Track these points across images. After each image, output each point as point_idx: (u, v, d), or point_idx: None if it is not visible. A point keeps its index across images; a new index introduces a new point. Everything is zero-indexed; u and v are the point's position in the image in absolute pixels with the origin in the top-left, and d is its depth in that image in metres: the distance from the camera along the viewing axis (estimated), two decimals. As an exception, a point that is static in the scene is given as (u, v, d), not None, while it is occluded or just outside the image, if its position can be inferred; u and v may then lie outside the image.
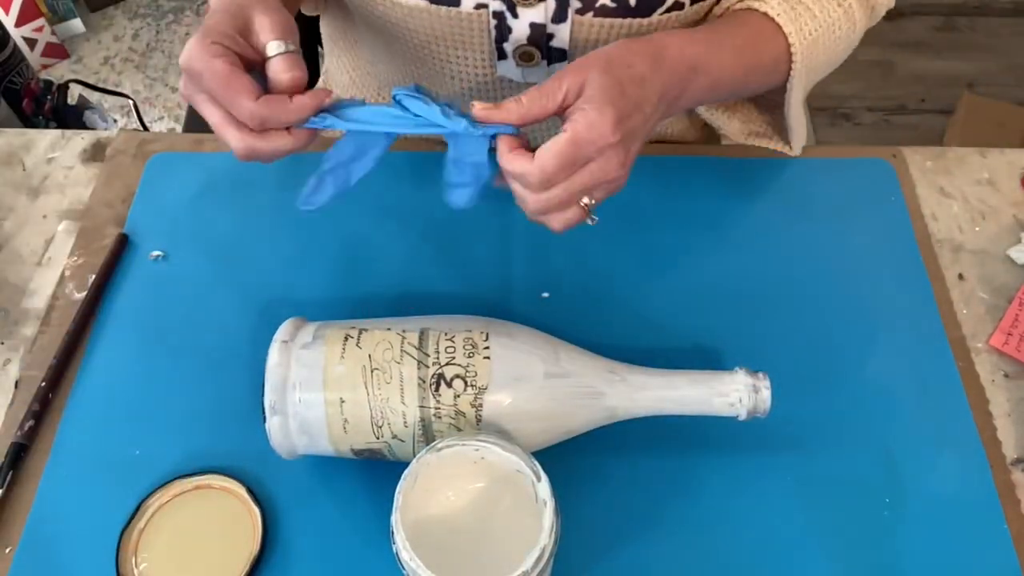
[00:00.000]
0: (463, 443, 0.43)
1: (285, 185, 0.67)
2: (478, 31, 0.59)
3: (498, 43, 0.60)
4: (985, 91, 1.87)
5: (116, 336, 0.59)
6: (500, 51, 0.61)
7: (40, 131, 0.71)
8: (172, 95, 1.84)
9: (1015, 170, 0.69)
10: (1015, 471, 0.54)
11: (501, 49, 0.60)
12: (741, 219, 0.65)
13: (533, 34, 0.59)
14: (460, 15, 0.58)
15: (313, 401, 0.46)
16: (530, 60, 0.61)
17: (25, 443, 0.53)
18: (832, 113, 1.83)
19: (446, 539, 0.44)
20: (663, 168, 0.68)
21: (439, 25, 0.59)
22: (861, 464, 0.54)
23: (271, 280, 0.62)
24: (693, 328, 0.60)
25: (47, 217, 0.66)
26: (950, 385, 0.58)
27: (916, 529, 0.52)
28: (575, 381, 0.48)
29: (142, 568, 0.49)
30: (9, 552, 0.50)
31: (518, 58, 0.61)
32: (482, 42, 0.60)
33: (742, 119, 0.68)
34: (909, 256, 0.64)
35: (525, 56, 0.60)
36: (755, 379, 0.48)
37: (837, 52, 0.61)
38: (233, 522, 0.51)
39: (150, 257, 0.63)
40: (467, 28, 0.59)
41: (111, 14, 1.99)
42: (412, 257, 0.63)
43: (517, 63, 0.61)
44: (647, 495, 0.53)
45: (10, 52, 1.36)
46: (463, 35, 0.60)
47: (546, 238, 0.64)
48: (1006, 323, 0.60)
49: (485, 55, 0.61)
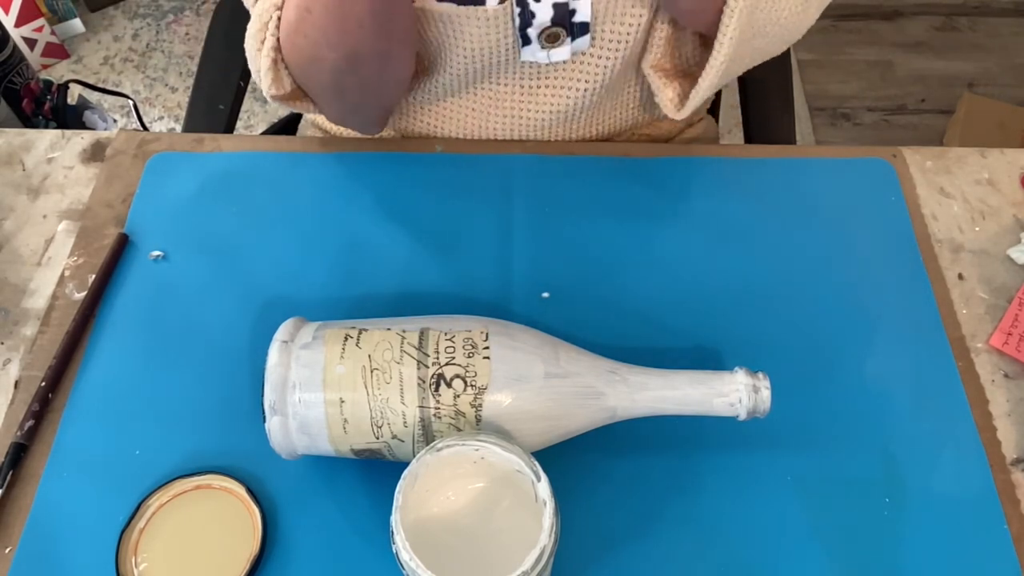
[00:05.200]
0: (463, 443, 0.43)
1: (285, 185, 0.67)
2: (503, 23, 0.60)
3: (522, 30, 0.60)
4: (985, 91, 1.87)
5: (116, 336, 0.59)
6: (524, 37, 0.61)
7: (40, 131, 0.71)
8: (172, 95, 1.84)
9: (1015, 170, 0.69)
10: (1015, 471, 0.54)
11: (525, 35, 0.61)
12: (741, 219, 0.65)
13: (556, 14, 0.59)
14: (487, 12, 0.58)
15: (313, 401, 0.46)
16: (555, 40, 0.61)
17: (25, 443, 0.53)
18: (832, 113, 1.83)
19: (446, 539, 0.45)
20: (663, 168, 0.68)
21: (466, 25, 0.60)
22: (861, 464, 0.54)
23: (271, 280, 0.62)
24: (693, 328, 0.60)
25: (47, 217, 0.66)
26: (950, 385, 0.58)
27: (916, 529, 0.52)
28: (575, 381, 0.48)
29: (142, 568, 0.49)
30: (9, 552, 0.50)
31: (543, 40, 0.61)
32: (507, 33, 0.61)
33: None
34: (909, 256, 0.64)
35: (551, 37, 0.61)
36: (755, 379, 0.48)
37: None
38: (233, 522, 0.51)
39: (150, 257, 0.63)
40: (492, 23, 0.60)
41: (111, 14, 1.99)
42: (412, 257, 0.63)
43: (542, 46, 0.62)
44: (647, 495, 0.53)
45: (10, 52, 1.36)
46: (488, 30, 0.60)
47: (546, 238, 0.64)
48: (1006, 323, 0.60)
49: (509, 44, 0.62)
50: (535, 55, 0.63)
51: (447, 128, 0.72)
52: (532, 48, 0.62)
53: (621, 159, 0.69)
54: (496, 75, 0.65)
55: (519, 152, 0.69)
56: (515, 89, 0.67)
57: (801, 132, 1.78)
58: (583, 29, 0.61)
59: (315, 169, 0.68)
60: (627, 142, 0.74)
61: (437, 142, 0.70)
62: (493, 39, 0.61)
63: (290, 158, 0.69)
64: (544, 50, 0.62)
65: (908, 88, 1.89)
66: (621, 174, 0.68)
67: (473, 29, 0.60)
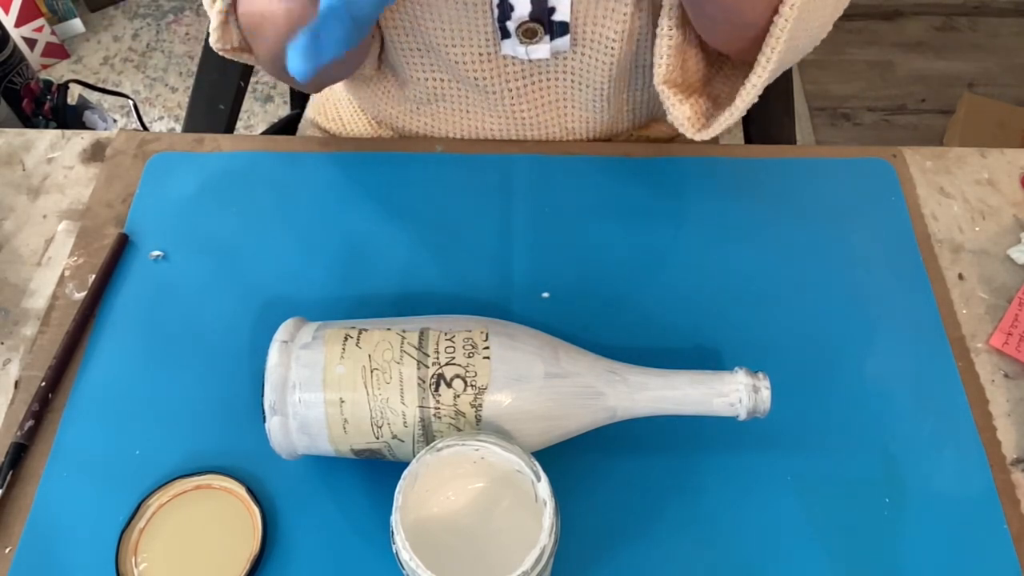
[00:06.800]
0: (463, 443, 0.43)
1: (285, 185, 0.67)
2: (481, 12, 0.60)
3: (501, 22, 0.60)
4: (985, 91, 1.87)
5: (116, 336, 0.59)
6: (503, 30, 0.61)
7: (40, 131, 0.71)
8: (172, 95, 1.84)
9: (1015, 170, 0.69)
10: (1015, 471, 0.54)
11: (504, 28, 0.61)
12: (741, 219, 0.65)
13: (535, 10, 0.59)
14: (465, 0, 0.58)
15: (313, 401, 0.46)
16: (533, 37, 0.61)
17: (25, 443, 0.53)
18: (832, 113, 1.83)
19: (446, 539, 0.45)
20: (663, 168, 0.68)
21: (444, 11, 0.60)
22: (861, 464, 0.54)
23: (271, 280, 0.62)
24: (693, 328, 0.60)
25: (47, 217, 0.66)
26: (950, 385, 0.58)
27: (916, 529, 0.52)
28: (575, 381, 0.48)
29: (142, 568, 0.49)
30: (9, 552, 0.50)
31: (521, 35, 0.61)
32: (485, 23, 0.61)
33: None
34: (909, 256, 0.64)
35: (528, 33, 0.61)
36: (755, 379, 0.48)
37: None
38: (233, 522, 0.51)
39: (150, 257, 0.63)
40: (471, 10, 0.60)
41: (111, 14, 1.99)
42: (412, 257, 0.63)
43: (520, 40, 0.62)
44: (647, 495, 0.53)
45: (10, 52, 1.36)
46: (467, 18, 0.60)
47: (546, 238, 0.64)
48: (1006, 323, 0.60)
49: (488, 35, 0.62)
50: (515, 50, 0.63)
51: (443, 128, 0.72)
52: (512, 42, 0.62)
53: (621, 159, 0.69)
54: (482, 70, 0.65)
55: (519, 152, 0.69)
56: (504, 88, 0.66)
57: (801, 132, 1.78)
58: (563, 29, 0.61)
59: (315, 169, 0.68)
60: (627, 142, 0.74)
61: (437, 142, 0.70)
62: (471, 26, 0.61)
63: (290, 158, 0.69)
64: (523, 45, 0.62)
65: (908, 88, 1.89)
66: (621, 174, 0.68)
67: (452, 11, 0.60)
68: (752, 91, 0.57)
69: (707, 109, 0.62)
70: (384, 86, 0.72)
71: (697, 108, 0.62)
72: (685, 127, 0.61)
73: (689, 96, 0.62)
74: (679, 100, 0.61)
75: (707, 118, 0.62)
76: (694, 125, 0.61)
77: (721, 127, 0.60)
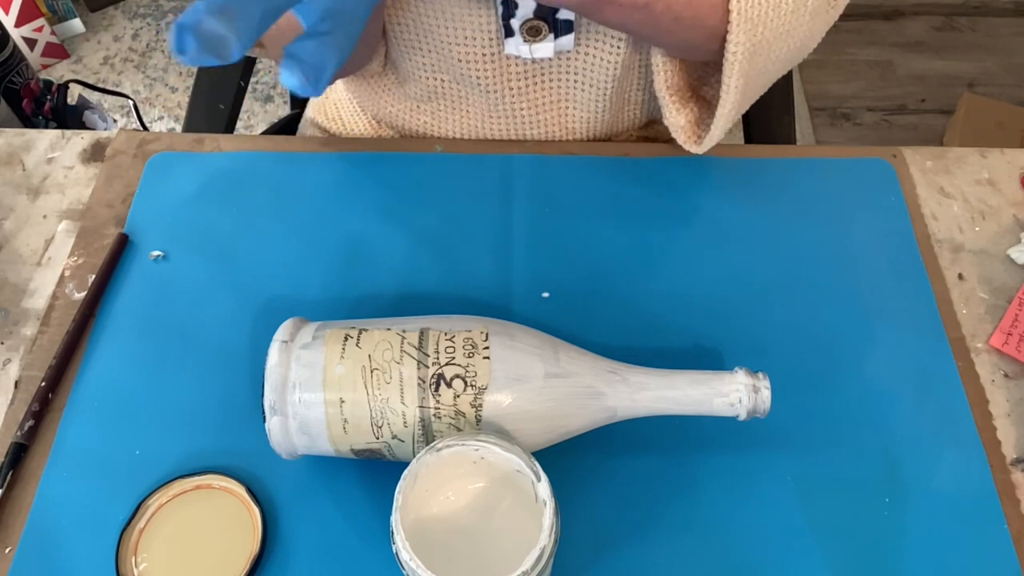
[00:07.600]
0: (463, 443, 0.43)
1: (285, 185, 0.67)
2: (485, 9, 0.60)
3: (505, 20, 0.60)
4: (985, 91, 1.87)
5: (116, 336, 0.59)
6: (507, 28, 0.61)
7: (40, 131, 0.71)
8: (172, 95, 1.84)
9: (1015, 170, 0.69)
10: (1015, 471, 0.54)
11: (508, 26, 0.61)
12: (741, 219, 0.65)
13: (539, 7, 0.59)
14: None
15: (313, 401, 0.46)
16: (537, 35, 0.61)
17: (25, 443, 0.53)
18: (832, 113, 1.83)
19: (446, 539, 0.45)
20: (663, 168, 0.68)
21: (448, 6, 0.60)
22: (861, 464, 0.54)
23: (271, 280, 0.62)
24: (693, 328, 0.60)
25: (47, 217, 0.66)
26: (950, 385, 0.58)
27: (916, 529, 0.52)
28: (575, 381, 0.48)
29: (142, 568, 0.49)
30: (9, 552, 0.50)
31: (525, 33, 0.61)
32: (489, 21, 0.61)
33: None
34: (909, 256, 0.64)
35: (532, 31, 0.61)
36: (755, 379, 0.48)
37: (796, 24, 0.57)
38: (233, 522, 0.51)
39: (150, 257, 0.63)
40: (475, 7, 0.60)
41: (111, 14, 1.99)
42: (412, 257, 0.63)
43: (524, 39, 0.62)
44: (647, 495, 0.53)
45: (10, 52, 1.36)
46: (471, 15, 0.60)
47: (546, 238, 0.64)
48: (1006, 323, 0.60)
49: (492, 34, 0.62)
50: (518, 48, 0.63)
51: (444, 126, 0.72)
52: (515, 40, 0.62)
53: (621, 159, 0.69)
54: (484, 69, 0.65)
55: (518, 152, 0.69)
56: (505, 87, 0.67)
57: (801, 132, 1.78)
58: (567, 27, 0.61)
59: (315, 169, 0.68)
60: (627, 142, 0.74)
61: (437, 142, 0.70)
62: (475, 23, 0.61)
63: (290, 158, 0.69)
64: (527, 44, 0.62)
65: (908, 88, 1.89)
66: (621, 174, 0.68)
67: (456, 7, 0.60)
68: (725, 117, 0.60)
69: (700, 116, 0.65)
70: (385, 83, 0.72)
71: (691, 116, 0.64)
72: (680, 137, 0.64)
73: (686, 104, 0.64)
74: (676, 108, 0.63)
75: (699, 127, 0.64)
76: (688, 135, 0.64)
77: (712, 142, 0.63)
